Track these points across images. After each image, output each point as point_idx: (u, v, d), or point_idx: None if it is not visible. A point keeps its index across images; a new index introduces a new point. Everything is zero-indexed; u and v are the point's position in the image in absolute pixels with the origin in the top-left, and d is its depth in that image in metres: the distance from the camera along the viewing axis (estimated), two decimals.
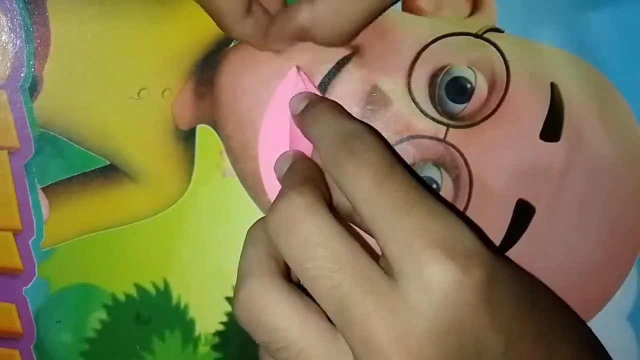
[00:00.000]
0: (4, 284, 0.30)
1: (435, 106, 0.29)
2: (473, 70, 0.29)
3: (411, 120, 0.29)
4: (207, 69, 0.29)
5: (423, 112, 0.29)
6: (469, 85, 0.29)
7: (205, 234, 0.30)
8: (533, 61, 0.29)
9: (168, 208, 0.30)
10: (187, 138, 0.30)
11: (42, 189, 0.30)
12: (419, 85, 0.29)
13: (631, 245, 0.30)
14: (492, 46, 0.29)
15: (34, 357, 0.31)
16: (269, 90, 0.29)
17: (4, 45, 0.29)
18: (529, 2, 0.29)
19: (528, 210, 0.29)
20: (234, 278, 0.30)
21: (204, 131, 0.30)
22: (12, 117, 0.29)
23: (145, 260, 0.30)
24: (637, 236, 0.30)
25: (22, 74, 0.29)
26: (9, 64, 0.29)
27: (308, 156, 0.28)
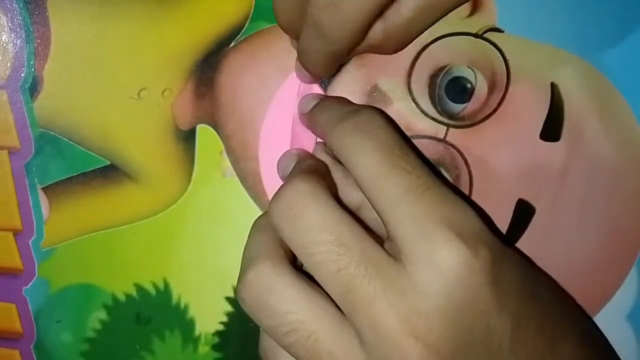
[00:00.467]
0: (4, 284, 0.30)
1: (435, 106, 0.29)
2: (473, 70, 0.29)
3: (411, 120, 0.29)
4: (207, 69, 0.29)
5: (423, 112, 0.29)
6: (469, 85, 0.29)
7: (205, 234, 0.30)
8: (533, 61, 0.29)
9: (168, 208, 0.30)
10: (187, 138, 0.30)
11: (42, 189, 0.30)
12: (419, 85, 0.29)
13: (631, 245, 0.30)
14: (492, 46, 0.29)
15: (34, 357, 0.31)
16: (269, 90, 0.29)
17: (4, 45, 0.29)
18: (529, 2, 0.29)
19: (528, 210, 0.29)
20: (234, 278, 0.30)
21: (204, 131, 0.30)
22: (12, 117, 0.29)
23: (145, 260, 0.30)
24: (637, 236, 0.30)
25: (23, 74, 0.29)
26: (9, 64, 0.29)
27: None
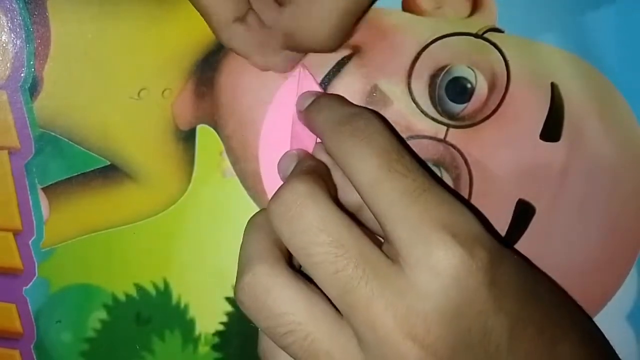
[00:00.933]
0: (4, 284, 0.30)
1: (435, 106, 0.29)
2: (473, 70, 0.29)
3: (411, 120, 0.29)
4: (207, 69, 0.29)
5: (423, 112, 0.29)
6: (469, 85, 0.29)
7: (205, 234, 0.30)
8: (533, 61, 0.29)
9: (168, 208, 0.30)
10: (187, 138, 0.30)
11: (42, 189, 0.30)
12: (419, 85, 0.29)
13: (631, 245, 0.30)
14: (492, 46, 0.29)
15: (34, 357, 0.31)
16: (269, 90, 0.29)
17: (4, 45, 0.29)
18: (529, 2, 0.29)
19: (528, 210, 0.29)
20: (234, 278, 0.30)
21: (204, 131, 0.30)
22: (12, 117, 0.29)
23: (145, 260, 0.30)
24: (637, 236, 0.30)
25: (22, 74, 0.29)
26: (9, 64, 0.29)
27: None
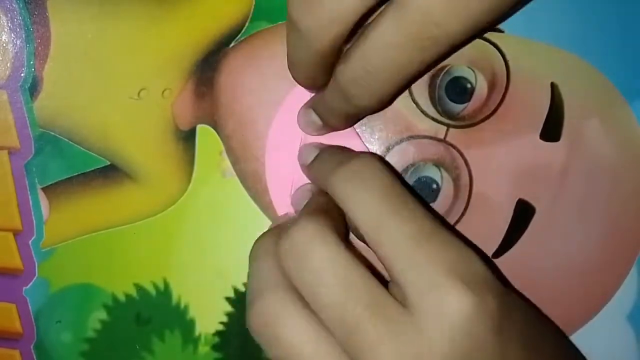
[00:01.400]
0: (4, 284, 0.30)
1: (435, 106, 0.29)
2: (473, 70, 0.29)
3: (411, 120, 0.29)
4: (207, 69, 0.29)
5: (423, 112, 0.29)
6: (469, 85, 0.29)
7: (205, 234, 0.30)
8: (533, 61, 0.29)
9: (168, 208, 0.30)
10: (187, 138, 0.30)
11: (42, 189, 0.30)
12: (419, 85, 0.29)
13: (631, 245, 0.30)
14: (492, 46, 0.29)
15: (34, 357, 0.31)
16: (269, 90, 0.29)
17: (4, 45, 0.29)
18: (529, 2, 0.29)
19: (528, 210, 0.29)
20: (234, 278, 0.30)
21: (204, 131, 0.30)
22: (12, 117, 0.29)
23: (145, 260, 0.30)
24: (637, 236, 0.30)
25: (22, 74, 0.29)
26: (9, 64, 0.29)
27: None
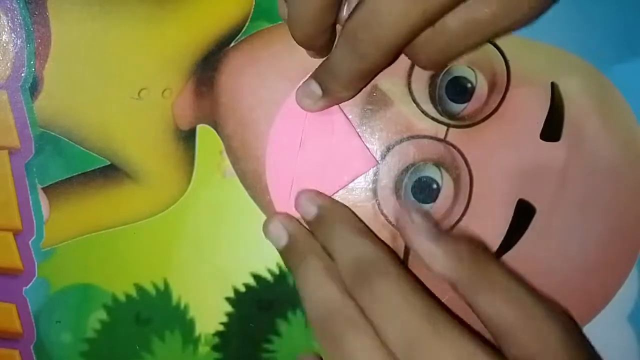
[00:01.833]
0: (4, 284, 0.30)
1: (435, 106, 0.29)
2: (473, 70, 0.29)
3: (411, 120, 0.29)
4: (207, 69, 0.29)
5: (423, 112, 0.29)
6: (469, 85, 0.29)
7: (205, 234, 0.30)
8: (533, 61, 0.29)
9: (168, 208, 0.30)
10: (187, 138, 0.30)
11: (42, 189, 0.30)
12: (419, 85, 0.29)
13: (631, 245, 0.30)
14: (492, 46, 0.29)
15: (34, 357, 0.31)
16: (269, 90, 0.29)
17: (5, 45, 0.29)
18: None
19: (528, 210, 0.29)
20: (234, 278, 0.30)
21: (204, 131, 0.30)
22: (12, 117, 0.29)
23: (145, 260, 0.30)
24: (637, 236, 0.30)
25: (23, 74, 0.29)
26: (9, 64, 0.29)
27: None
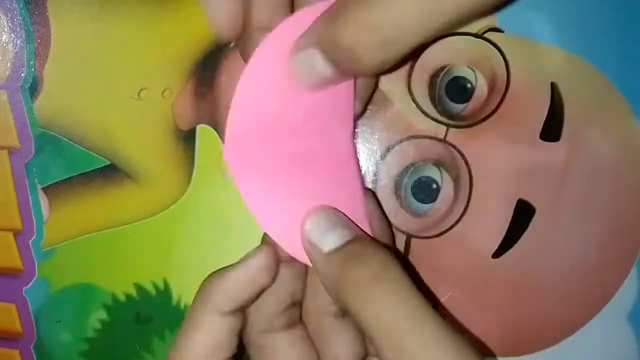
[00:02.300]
0: (4, 284, 0.30)
1: (435, 106, 0.29)
2: (473, 70, 0.29)
3: (411, 120, 0.29)
4: (207, 69, 0.29)
5: (423, 112, 0.29)
6: (469, 85, 0.29)
7: (205, 234, 0.30)
8: (533, 61, 0.29)
9: (168, 208, 0.30)
10: (187, 138, 0.30)
11: (42, 189, 0.30)
12: (419, 85, 0.29)
13: (631, 245, 0.30)
14: (492, 46, 0.29)
15: (34, 357, 0.31)
16: None
17: (5, 45, 0.29)
18: (529, 2, 0.29)
19: (528, 210, 0.29)
20: None
21: (204, 131, 0.30)
22: (12, 117, 0.29)
23: (145, 260, 0.30)
24: (637, 236, 0.30)
25: (23, 74, 0.29)
26: (9, 64, 0.29)
27: None
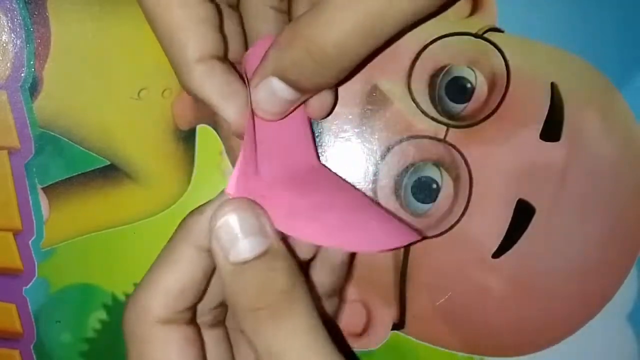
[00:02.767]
0: (4, 284, 0.30)
1: (435, 106, 0.29)
2: (473, 70, 0.29)
3: (411, 120, 0.29)
4: None
5: (423, 112, 0.29)
6: (469, 86, 0.29)
7: None
8: (533, 61, 0.29)
9: (168, 208, 0.30)
10: (187, 138, 0.30)
11: (42, 189, 0.30)
12: (419, 85, 0.29)
13: (631, 245, 0.30)
14: (492, 46, 0.29)
15: (34, 357, 0.31)
16: None
17: (4, 45, 0.29)
18: (529, 2, 0.29)
19: (528, 210, 0.29)
20: None
21: (204, 131, 0.30)
22: (12, 117, 0.29)
23: (145, 260, 0.30)
24: (637, 236, 0.30)
25: (23, 74, 0.29)
26: (9, 64, 0.29)
27: None
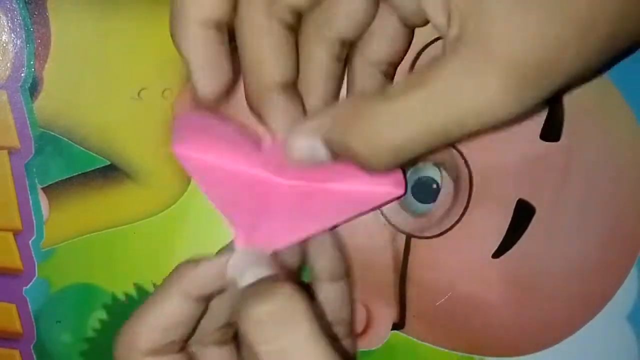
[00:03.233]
0: (4, 284, 0.30)
1: None
2: None
3: None
4: None
5: None
6: None
7: (205, 234, 0.30)
8: None
9: (168, 208, 0.30)
10: None
11: (42, 189, 0.30)
12: None
13: (631, 245, 0.30)
14: None
15: (34, 357, 0.31)
16: None
17: (4, 45, 0.29)
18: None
19: (528, 210, 0.29)
20: None
21: None
22: (12, 117, 0.29)
23: (145, 260, 0.30)
24: (637, 236, 0.30)
25: (23, 74, 0.29)
26: (9, 64, 0.29)
27: None
